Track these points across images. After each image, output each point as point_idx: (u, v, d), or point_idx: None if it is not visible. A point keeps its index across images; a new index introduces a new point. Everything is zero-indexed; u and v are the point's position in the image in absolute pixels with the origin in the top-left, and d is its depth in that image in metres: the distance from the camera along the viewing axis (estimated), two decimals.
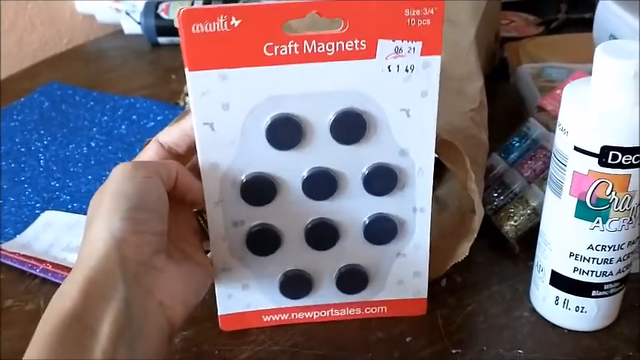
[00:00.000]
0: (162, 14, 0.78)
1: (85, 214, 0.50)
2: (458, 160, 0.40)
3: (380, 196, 0.38)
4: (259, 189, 0.37)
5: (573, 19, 0.79)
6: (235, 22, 0.32)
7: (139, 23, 0.80)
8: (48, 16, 0.85)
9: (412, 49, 0.34)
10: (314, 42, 0.33)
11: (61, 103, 0.67)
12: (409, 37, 0.34)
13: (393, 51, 0.34)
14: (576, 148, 0.35)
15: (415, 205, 0.38)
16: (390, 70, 0.34)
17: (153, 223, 0.33)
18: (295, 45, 0.33)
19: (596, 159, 0.35)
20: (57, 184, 0.55)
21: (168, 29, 0.78)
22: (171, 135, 0.37)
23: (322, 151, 0.36)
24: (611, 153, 0.34)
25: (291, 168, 0.36)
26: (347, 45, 0.33)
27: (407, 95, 0.35)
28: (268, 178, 0.36)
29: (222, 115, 0.35)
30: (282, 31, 0.33)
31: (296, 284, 0.40)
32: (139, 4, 0.80)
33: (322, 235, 0.39)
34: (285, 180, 0.37)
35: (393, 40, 0.34)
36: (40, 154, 0.59)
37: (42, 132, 0.62)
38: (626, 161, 0.34)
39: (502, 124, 0.51)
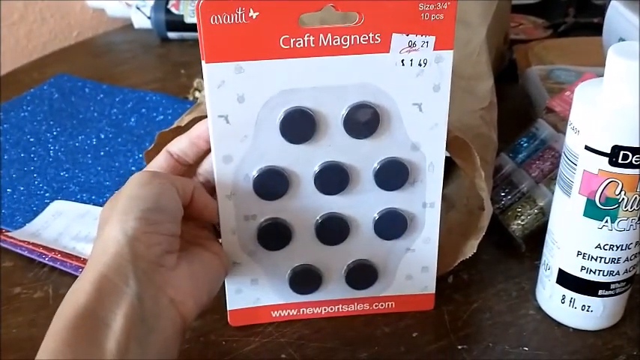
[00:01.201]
0: (173, 9, 0.78)
1: (94, 204, 0.51)
2: (468, 158, 0.41)
3: (391, 190, 0.38)
4: (272, 183, 0.37)
5: (581, 23, 0.79)
6: (253, 14, 0.32)
7: (149, 18, 0.80)
8: (58, 9, 0.85)
9: (425, 44, 0.34)
10: (329, 35, 0.33)
11: (71, 95, 0.67)
12: (423, 32, 0.34)
13: (406, 45, 0.34)
14: (587, 148, 0.36)
15: (425, 200, 0.39)
16: (403, 64, 0.35)
17: (166, 225, 0.33)
18: (311, 38, 0.33)
19: (607, 158, 0.35)
20: (66, 175, 0.55)
21: (178, 24, 0.78)
22: (180, 144, 0.37)
23: (335, 144, 0.36)
24: (621, 153, 0.34)
25: (303, 162, 0.37)
26: (362, 38, 0.34)
27: (419, 89, 0.35)
28: (281, 171, 0.37)
29: (237, 108, 0.35)
30: (298, 24, 0.33)
31: (305, 279, 0.40)
32: None
33: (333, 229, 0.39)
34: (297, 174, 0.37)
35: (407, 35, 0.34)
36: (49, 145, 0.59)
37: (51, 123, 0.62)
38: (636, 161, 0.35)
39: (510, 124, 0.52)
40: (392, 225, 0.39)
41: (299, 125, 0.35)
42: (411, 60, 0.35)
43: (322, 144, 0.36)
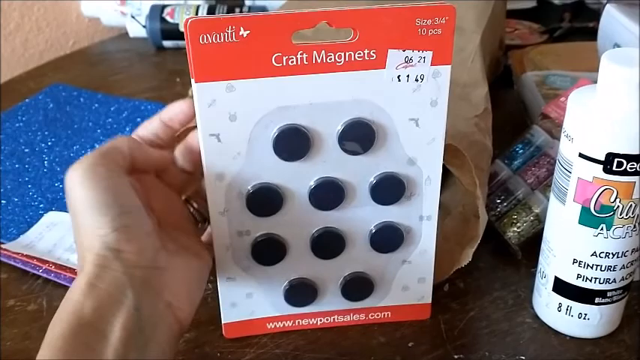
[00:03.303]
0: (168, 18, 0.78)
1: None
2: (462, 165, 0.40)
3: (387, 205, 0.37)
4: (265, 200, 0.36)
5: (577, 28, 0.79)
6: (244, 32, 0.32)
7: (144, 26, 0.80)
8: (54, 19, 0.85)
9: (422, 59, 0.33)
10: (323, 52, 0.33)
11: (66, 105, 0.67)
12: (420, 47, 0.33)
13: (403, 61, 0.33)
14: (581, 155, 0.35)
15: (422, 214, 0.38)
16: (399, 80, 0.34)
17: (140, 223, 0.32)
18: (304, 55, 0.33)
19: (601, 166, 0.35)
20: (61, 185, 0.55)
21: (174, 33, 0.78)
22: (151, 127, 0.36)
23: (330, 161, 0.36)
24: (616, 160, 0.34)
25: (298, 178, 0.36)
26: (357, 55, 0.33)
27: (416, 105, 0.35)
28: (275, 188, 0.36)
29: (229, 126, 0.34)
30: (291, 41, 0.33)
31: (301, 292, 0.40)
32: (144, 7, 0.81)
33: (328, 244, 0.38)
34: (291, 190, 0.36)
35: (404, 50, 0.33)
36: (44, 155, 0.59)
37: (46, 133, 0.62)
38: (631, 168, 0.34)
39: (506, 130, 0.51)
40: (388, 238, 0.38)
41: (293, 143, 0.35)
42: (408, 75, 0.34)
43: (317, 160, 0.36)
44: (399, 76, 0.34)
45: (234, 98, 0.33)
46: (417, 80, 0.34)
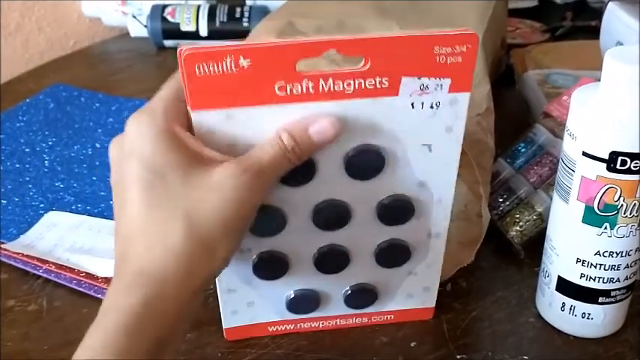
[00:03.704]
0: (169, 17, 0.78)
1: (89, 214, 0.51)
2: (464, 165, 0.40)
3: (395, 225, 0.36)
4: (267, 222, 0.34)
5: (579, 27, 0.79)
6: (244, 62, 0.29)
7: (145, 26, 0.80)
8: (55, 19, 0.85)
9: (439, 87, 0.31)
10: (331, 80, 0.30)
11: (67, 105, 0.67)
12: (437, 74, 0.31)
13: (418, 88, 0.31)
14: (584, 154, 0.35)
15: (431, 231, 0.37)
16: (413, 107, 0.32)
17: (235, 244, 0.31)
18: (310, 84, 0.30)
19: (605, 164, 0.34)
20: (61, 185, 0.55)
21: (175, 32, 0.78)
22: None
23: (335, 185, 0.34)
24: (619, 158, 0.34)
25: (301, 201, 0.34)
26: (367, 83, 0.30)
27: (430, 131, 0.33)
28: (277, 211, 0.34)
29: (228, 154, 0.31)
30: (295, 69, 0.30)
31: (304, 302, 0.39)
32: (145, 7, 0.81)
33: (332, 260, 0.37)
34: (294, 212, 0.35)
35: (419, 78, 0.31)
36: (44, 155, 0.59)
37: (47, 133, 0.62)
38: (635, 167, 0.34)
39: (508, 129, 0.51)
40: (395, 255, 0.37)
41: (297, 170, 0.32)
42: (422, 103, 0.31)
43: (322, 185, 0.34)
44: (412, 104, 0.32)
45: (234, 126, 0.31)
46: (432, 107, 0.32)
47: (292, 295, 0.39)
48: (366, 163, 0.33)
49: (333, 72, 0.30)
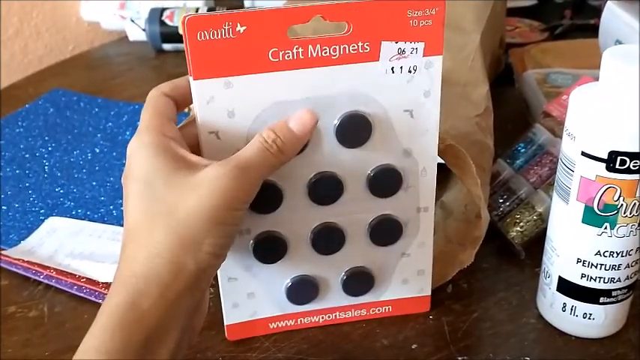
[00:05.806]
0: (167, 21, 0.78)
1: (89, 219, 0.51)
2: (463, 166, 0.40)
3: (385, 197, 0.38)
4: (265, 196, 0.36)
5: (578, 25, 0.79)
6: (240, 28, 0.32)
7: (143, 30, 0.80)
8: (53, 23, 0.85)
9: (415, 50, 0.34)
10: (318, 46, 0.33)
11: (66, 110, 0.67)
12: (412, 38, 0.34)
13: (396, 52, 0.34)
14: (584, 154, 0.35)
15: (419, 205, 0.39)
16: (393, 72, 0.35)
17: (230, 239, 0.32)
18: (300, 50, 0.33)
19: (604, 164, 0.34)
20: (61, 190, 0.55)
21: (173, 36, 0.78)
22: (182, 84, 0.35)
23: (328, 155, 0.36)
24: (619, 158, 0.34)
25: (296, 174, 0.36)
26: (351, 48, 0.34)
27: (410, 96, 0.35)
28: (273, 184, 0.36)
29: (228, 123, 0.34)
30: (287, 35, 0.33)
31: (302, 290, 0.40)
32: (143, 11, 0.81)
33: (328, 239, 0.38)
34: (290, 186, 0.37)
35: (396, 42, 0.34)
36: (44, 160, 0.59)
37: (46, 138, 0.62)
38: (634, 166, 0.34)
39: (507, 129, 0.51)
40: (387, 231, 0.39)
41: None
42: (401, 67, 0.34)
43: (315, 155, 0.36)
44: (392, 68, 0.34)
45: (232, 95, 0.34)
46: (410, 72, 0.35)
47: (290, 284, 0.39)
48: (356, 128, 0.35)
49: (319, 37, 0.33)
